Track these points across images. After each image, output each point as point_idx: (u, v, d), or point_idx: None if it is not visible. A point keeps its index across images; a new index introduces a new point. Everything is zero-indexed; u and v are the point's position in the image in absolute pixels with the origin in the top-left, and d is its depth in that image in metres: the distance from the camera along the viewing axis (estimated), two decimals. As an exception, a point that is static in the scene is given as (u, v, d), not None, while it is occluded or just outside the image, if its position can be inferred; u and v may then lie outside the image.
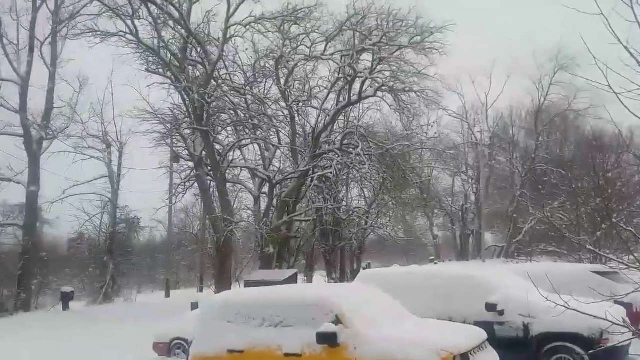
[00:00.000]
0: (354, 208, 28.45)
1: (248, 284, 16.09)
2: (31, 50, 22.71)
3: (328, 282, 26.72)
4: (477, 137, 40.74)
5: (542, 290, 5.54)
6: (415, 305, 7.74)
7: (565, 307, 4.75)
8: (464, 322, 7.84)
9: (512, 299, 8.10)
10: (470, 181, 42.90)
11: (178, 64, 19.57)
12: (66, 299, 21.82)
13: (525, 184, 37.81)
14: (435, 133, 28.33)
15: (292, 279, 16.48)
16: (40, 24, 22.82)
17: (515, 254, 32.96)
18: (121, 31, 18.73)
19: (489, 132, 40.97)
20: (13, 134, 23.16)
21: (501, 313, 8.02)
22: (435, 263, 31.37)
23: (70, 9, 21.02)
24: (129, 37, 18.87)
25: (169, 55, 19.74)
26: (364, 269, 28.23)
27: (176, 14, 18.76)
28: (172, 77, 19.58)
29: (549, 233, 22.85)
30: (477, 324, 7.68)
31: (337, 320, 6.39)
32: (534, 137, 39.12)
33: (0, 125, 22.89)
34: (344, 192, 28.60)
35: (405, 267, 24.88)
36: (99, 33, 18.52)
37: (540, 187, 32.71)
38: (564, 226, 20.52)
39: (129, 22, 18.53)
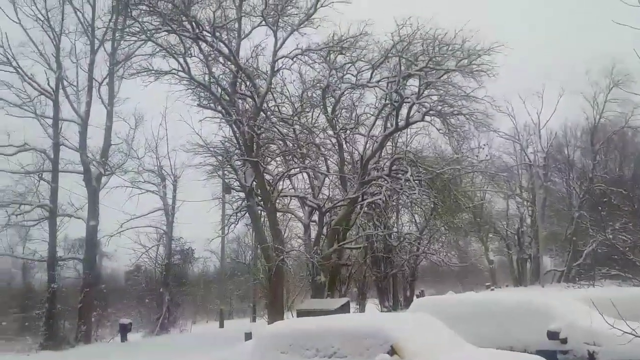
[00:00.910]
0: (405, 234, 28.18)
1: (300, 313, 16.09)
2: (90, 90, 23.83)
3: (381, 310, 26.39)
4: (531, 158, 39.79)
5: (606, 316, 5.37)
6: (473, 334, 7.58)
7: (633, 334, 4.60)
8: (525, 351, 7.62)
9: (576, 326, 7.83)
10: (525, 203, 41.76)
11: (228, 98, 20.18)
12: (124, 331, 22.25)
13: (583, 205, 36.53)
14: (487, 155, 27.82)
15: (345, 308, 16.37)
16: (98, 65, 24.01)
17: (576, 279, 31.69)
18: (174, 69, 19.54)
19: (542, 153, 40.00)
20: (74, 172, 24.24)
21: (564, 341, 7.77)
22: (492, 289, 30.51)
23: (126, 50, 22.05)
24: (182, 74, 19.65)
25: (219, 90, 20.41)
26: (417, 296, 27.78)
27: (226, 51, 19.45)
28: (223, 110, 20.20)
29: (612, 256, 21.99)
30: (539, 352, 7.44)
31: (392, 351, 6.31)
32: (590, 156, 37.91)
33: (62, 163, 23.99)
34: (394, 218, 28.42)
35: (460, 294, 24.37)
36: (153, 72, 19.37)
37: (599, 207, 31.46)
38: (627, 248, 19.68)
39: (181, 60, 19.31)
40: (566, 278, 35.33)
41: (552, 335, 7.78)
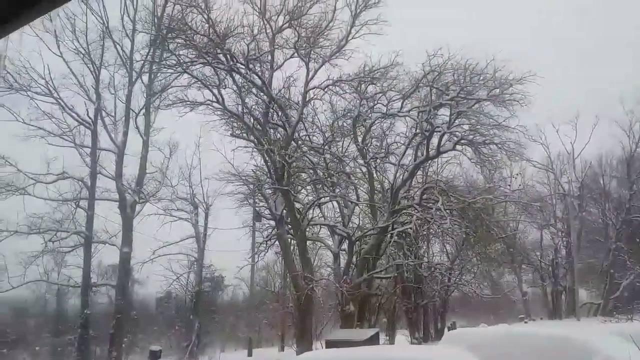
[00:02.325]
0: (436, 264, 27.85)
1: (329, 344, 15.95)
2: (127, 121, 24.51)
3: (411, 341, 25.94)
4: (565, 188, 39.12)
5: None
6: None
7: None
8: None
9: (615, 361, 7.63)
10: (559, 234, 40.85)
11: (260, 128, 20.56)
12: (154, 358, 22.33)
13: (620, 236, 35.61)
14: (520, 185, 27.52)
15: (374, 339, 16.14)
16: (135, 96, 24.73)
17: (614, 312, 30.70)
18: (208, 100, 20.06)
19: (577, 182, 39.28)
20: (109, 199, 24.82)
21: None
22: (526, 322, 29.79)
23: (162, 81, 22.76)
24: (216, 105, 20.14)
25: (252, 120, 20.82)
26: (448, 328, 27.25)
27: (259, 82, 19.91)
28: (255, 140, 20.57)
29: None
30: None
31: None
32: (627, 186, 37.08)
33: (98, 191, 24.62)
34: (424, 248, 28.13)
35: (493, 326, 23.82)
36: (188, 103, 19.92)
37: (637, 239, 30.66)
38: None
39: (215, 91, 19.83)
40: (603, 311, 34.29)
41: None
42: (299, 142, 22.25)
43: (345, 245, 22.85)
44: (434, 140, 21.56)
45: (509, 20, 53.05)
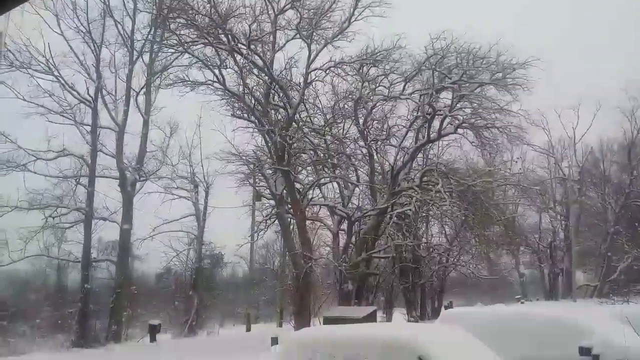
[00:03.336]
0: (435, 245, 28.23)
1: (327, 320, 16.36)
2: (127, 100, 24.61)
3: (408, 320, 26.43)
4: (565, 172, 39.33)
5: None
6: (503, 348, 7.45)
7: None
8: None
9: (609, 343, 7.80)
10: (558, 217, 41.19)
11: (261, 109, 20.67)
12: (153, 331, 22.78)
13: (619, 220, 35.96)
14: (520, 169, 27.80)
15: (371, 316, 16.55)
16: (136, 75, 24.77)
17: (610, 294, 31.21)
18: (209, 80, 20.15)
19: (577, 167, 39.48)
20: (110, 177, 25.04)
21: (596, 358, 7.75)
22: (522, 302, 30.25)
23: (163, 61, 22.79)
24: (217, 85, 20.23)
25: (253, 100, 20.91)
26: (445, 307, 27.73)
27: (260, 63, 19.96)
28: (256, 121, 20.71)
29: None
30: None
31: (421, 363, 6.28)
32: (627, 172, 37.31)
33: (99, 169, 24.82)
34: (423, 229, 28.47)
35: (489, 306, 24.27)
36: (189, 83, 19.99)
37: (636, 223, 31.02)
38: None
39: (216, 71, 19.91)
40: (599, 293, 34.80)
41: (585, 351, 7.75)
42: (300, 123, 22.38)
43: (344, 226, 23.16)
44: (436, 123, 21.73)
45: (513, 3, 52.69)
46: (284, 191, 21.74)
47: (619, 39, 60.08)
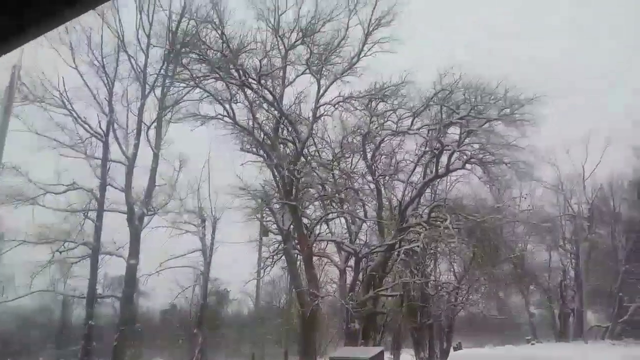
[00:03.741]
0: (443, 283, 27.79)
1: (333, 361, 15.97)
2: (138, 133, 24.73)
3: (416, 361, 25.85)
4: (575, 209, 39.00)
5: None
6: None
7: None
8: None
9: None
10: (568, 256, 40.60)
11: (270, 143, 20.75)
12: (158, 371, 22.39)
13: (630, 259, 35.41)
14: (529, 205, 27.57)
15: (379, 357, 16.15)
16: (148, 109, 24.97)
17: (622, 336, 30.45)
18: (219, 114, 20.31)
19: (587, 204, 39.17)
20: (118, 211, 24.99)
21: None
22: (532, 344, 29.54)
23: (174, 95, 22.98)
24: (227, 119, 20.40)
25: (262, 134, 21.02)
26: (454, 348, 27.11)
27: (270, 97, 20.16)
28: (265, 155, 20.77)
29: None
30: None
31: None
32: (637, 209, 36.95)
33: (107, 202, 24.79)
34: (431, 266, 28.10)
35: (499, 347, 23.71)
36: (199, 117, 20.17)
37: (647, 262, 30.54)
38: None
39: (227, 105, 20.12)
40: (611, 335, 34.03)
41: None
42: (308, 157, 22.44)
43: (351, 262, 22.89)
44: (444, 159, 21.72)
45: (520, 34, 53.40)
46: (291, 226, 21.58)
47: (627, 72, 60.52)
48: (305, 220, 22.51)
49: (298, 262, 23.01)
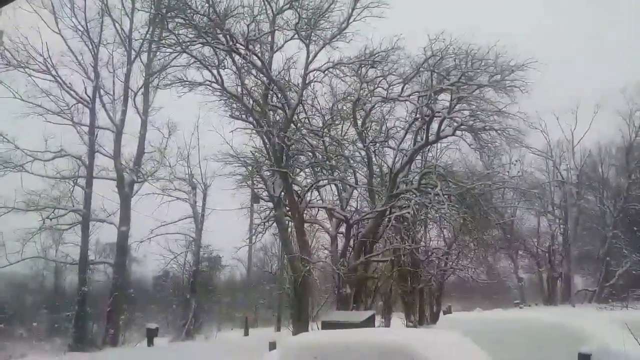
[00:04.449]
0: (433, 249, 27.97)
1: (325, 325, 16.07)
2: (125, 100, 24.51)
3: (406, 325, 26.19)
4: (564, 176, 39.14)
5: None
6: (502, 353, 7.50)
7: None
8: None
9: (608, 349, 7.69)
10: (557, 221, 40.99)
11: (259, 110, 20.43)
12: (151, 335, 22.49)
13: (617, 224, 35.76)
14: (518, 172, 27.52)
15: (370, 321, 16.28)
16: (134, 75, 24.68)
17: (608, 299, 30.97)
18: (207, 80, 19.89)
19: (576, 170, 39.29)
20: (107, 178, 24.87)
21: None
22: (521, 307, 30.02)
23: (161, 61, 22.59)
24: (215, 85, 19.98)
25: (251, 101, 20.68)
26: (443, 312, 27.47)
27: (258, 63, 19.73)
28: (254, 122, 20.48)
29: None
30: (569, 376, 7.36)
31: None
32: (625, 175, 37.13)
33: (96, 169, 24.63)
34: (422, 232, 28.21)
35: (488, 311, 24.00)
36: (187, 83, 19.73)
37: (634, 227, 30.78)
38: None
39: (214, 71, 19.65)
40: (598, 298, 34.60)
41: (584, 358, 7.66)
42: (298, 124, 22.17)
43: (342, 229, 22.91)
44: (434, 126, 21.53)
45: (513, 5, 52.64)
46: (282, 193, 21.50)
47: (617, 40, 60.06)
48: (296, 187, 22.41)
49: (289, 229, 23.01)
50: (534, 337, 8.30)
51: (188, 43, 19.27)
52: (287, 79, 21.47)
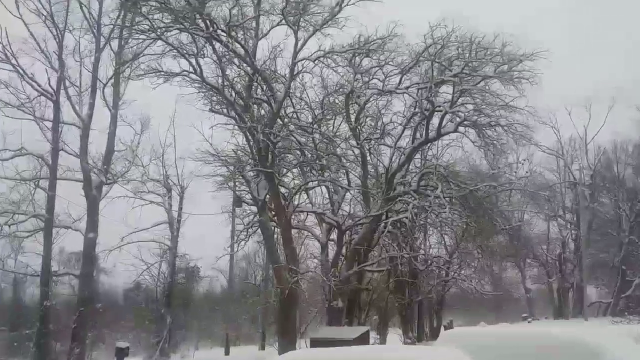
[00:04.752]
0: (433, 257, 28.07)
1: (314, 342, 16.04)
2: (93, 92, 24.24)
3: (404, 341, 26.23)
4: (576, 176, 39.44)
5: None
6: None
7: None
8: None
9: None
10: (568, 226, 41.31)
11: (243, 103, 20.32)
12: (121, 355, 22.21)
13: (634, 229, 36.09)
14: (527, 172, 27.67)
15: (364, 338, 16.25)
16: (103, 65, 24.44)
17: (625, 312, 31.21)
18: (185, 70, 19.72)
19: (589, 170, 39.65)
20: (73, 179, 24.59)
21: None
22: (529, 321, 30.24)
23: (133, 49, 22.35)
24: (193, 76, 19.80)
25: (233, 94, 20.53)
26: (444, 327, 27.59)
27: (241, 51, 19.63)
28: (237, 116, 20.35)
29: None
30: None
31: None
32: (643, 175, 37.49)
33: (61, 170, 24.33)
34: (421, 239, 28.30)
35: (493, 326, 24.07)
36: (162, 73, 19.54)
37: (653, 233, 31.07)
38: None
39: (193, 60, 19.48)
40: (613, 311, 34.91)
41: None
42: (285, 119, 22.09)
43: (334, 235, 22.94)
44: (435, 121, 21.66)
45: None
46: (267, 196, 21.40)
47: (635, 32, 60.77)
48: (282, 190, 22.38)
49: (275, 236, 22.92)
50: (544, 356, 8.29)
51: (163, 29, 19.09)
52: (273, 69, 21.39)
